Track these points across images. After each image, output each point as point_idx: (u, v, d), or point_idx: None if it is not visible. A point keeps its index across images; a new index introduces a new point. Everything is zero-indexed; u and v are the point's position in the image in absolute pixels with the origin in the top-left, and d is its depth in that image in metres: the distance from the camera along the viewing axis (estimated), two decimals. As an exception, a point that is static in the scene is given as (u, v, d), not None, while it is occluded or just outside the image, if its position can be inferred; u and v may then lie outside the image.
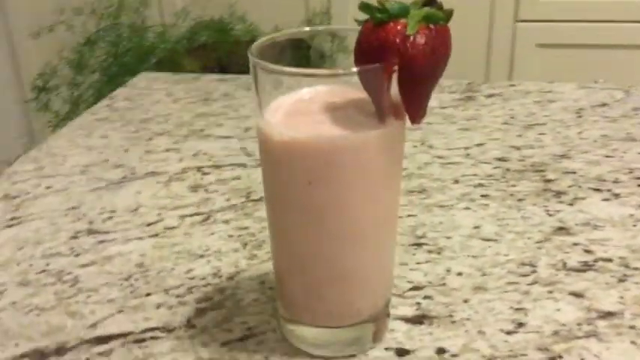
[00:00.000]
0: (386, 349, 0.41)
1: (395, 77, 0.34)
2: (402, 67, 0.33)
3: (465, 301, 0.45)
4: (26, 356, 0.42)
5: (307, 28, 0.41)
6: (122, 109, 0.81)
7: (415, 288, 0.47)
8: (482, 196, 0.58)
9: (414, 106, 0.35)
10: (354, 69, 0.34)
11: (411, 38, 0.33)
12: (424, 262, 0.49)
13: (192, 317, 0.45)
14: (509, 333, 0.42)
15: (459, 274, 0.48)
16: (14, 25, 1.96)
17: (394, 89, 0.34)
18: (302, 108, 0.37)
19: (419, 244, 0.52)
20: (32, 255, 0.53)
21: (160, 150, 0.70)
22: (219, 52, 1.52)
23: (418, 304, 0.45)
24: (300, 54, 0.42)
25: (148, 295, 0.47)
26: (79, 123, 0.79)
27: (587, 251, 0.50)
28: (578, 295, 0.45)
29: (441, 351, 0.41)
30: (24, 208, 0.60)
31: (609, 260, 0.49)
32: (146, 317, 0.45)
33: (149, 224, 0.56)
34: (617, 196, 0.57)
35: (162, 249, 0.53)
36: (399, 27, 0.33)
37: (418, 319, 0.44)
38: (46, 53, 1.55)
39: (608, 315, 0.43)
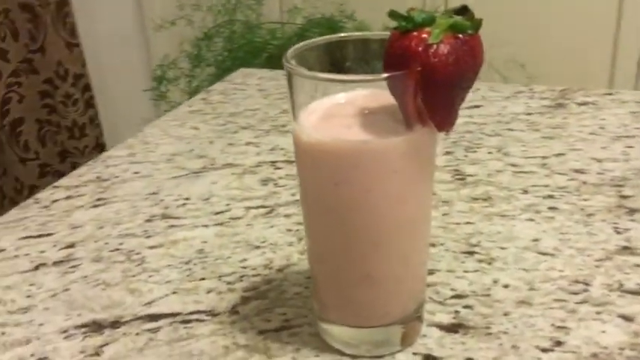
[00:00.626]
0: (414, 353, 0.42)
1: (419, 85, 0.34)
2: (424, 76, 0.33)
3: (506, 314, 0.44)
4: (85, 326, 0.46)
5: (343, 34, 0.41)
6: (215, 103, 0.85)
7: (457, 296, 0.46)
8: (549, 208, 0.56)
9: (438, 114, 0.35)
10: (381, 75, 0.35)
11: (434, 47, 0.33)
12: (472, 271, 0.49)
13: (237, 304, 0.47)
14: (544, 350, 0.41)
15: (506, 286, 0.47)
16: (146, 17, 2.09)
17: (419, 96, 0.35)
18: (336, 111, 0.38)
19: (470, 253, 0.51)
20: (109, 234, 0.57)
21: (241, 143, 0.73)
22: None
23: (457, 312, 0.45)
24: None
25: (202, 279, 0.50)
26: (175, 114, 0.84)
27: (650, 274, 0.47)
28: (628, 318, 0.43)
29: (468, 361, 0.40)
30: (111, 190, 0.65)
31: (671, 285, 0.46)
32: (196, 300, 0.48)
33: (217, 213, 0.59)
34: (698, 217, 0.53)
35: (223, 237, 0.55)
36: (423, 35, 0.33)
37: (453, 328, 0.43)
38: (169, 46, 1.65)
39: (656, 342, 0.41)
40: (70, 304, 0.48)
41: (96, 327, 0.46)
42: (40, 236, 0.57)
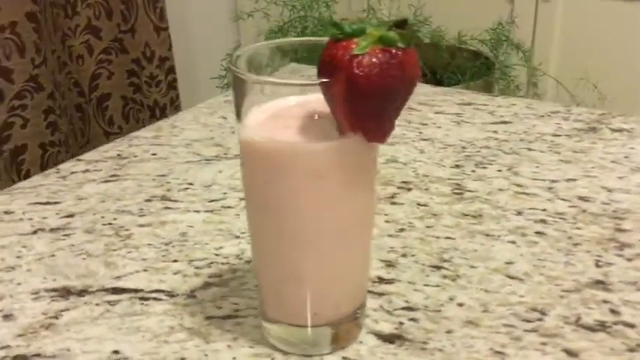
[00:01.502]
0: (343, 357, 0.42)
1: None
2: (348, 86, 0.34)
3: (449, 331, 0.44)
4: (55, 290, 0.49)
5: (294, 39, 0.42)
6: (251, 95, 0.88)
7: (407, 308, 0.46)
8: (536, 232, 0.55)
9: (364, 124, 0.35)
10: (310, 82, 0.35)
11: (359, 58, 0.33)
12: (432, 286, 0.48)
13: (196, 289, 0.49)
14: (473, 374, 0.40)
15: (460, 304, 0.46)
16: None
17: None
18: (284, 112, 0.39)
19: (438, 267, 0.51)
20: (108, 209, 0.60)
21: (259, 136, 0.75)
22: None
23: (401, 323, 0.45)
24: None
25: (175, 261, 0.52)
26: (211, 102, 0.86)
27: (614, 311, 0.45)
28: (572, 353, 0.42)
29: (392, 373, 0.40)
30: (126, 168, 0.68)
31: (631, 326, 0.44)
32: (161, 280, 0.50)
33: (211, 200, 0.61)
34: (690, 260, 0.50)
35: (209, 224, 0.57)
36: (352, 45, 0.34)
37: (391, 338, 0.43)
38: (246, 36, 1.69)
39: (591, 382, 0.39)
40: (51, 269, 0.52)
41: (64, 292, 0.49)
42: (47, 203, 0.62)
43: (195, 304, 0.47)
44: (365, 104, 0.34)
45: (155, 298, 0.48)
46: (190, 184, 0.65)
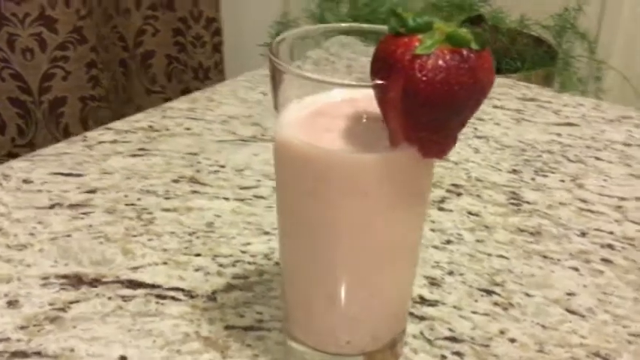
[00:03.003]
0: (375, 393, 0.37)
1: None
2: (406, 91, 0.28)
3: (497, 373, 0.38)
4: (66, 277, 0.45)
5: (344, 25, 0.36)
6: (296, 70, 0.82)
7: (452, 339, 0.41)
8: (602, 259, 0.49)
9: (421, 138, 0.30)
10: (357, 83, 0.30)
11: (422, 59, 0.27)
12: (481, 314, 0.43)
13: (218, 290, 0.44)
14: None
15: (512, 340, 0.41)
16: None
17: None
18: (324, 111, 0.33)
19: (489, 292, 0.45)
20: (133, 187, 0.56)
21: (301, 118, 0.69)
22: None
23: (444, 357, 0.39)
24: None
25: (197, 255, 0.48)
26: (252, 75, 0.81)
27: (690, 368, 0.39)
28: (640, 416, 0.36)
29: (429, 418, 0.35)
30: (156, 142, 0.64)
31: None
32: (181, 276, 0.46)
33: (243, 188, 0.56)
34: None
35: (238, 215, 0.53)
36: (414, 43, 0.28)
37: (430, 374, 0.38)
38: (290, 3, 1.62)
39: None
40: (65, 251, 0.48)
41: (75, 281, 0.45)
42: (69, 175, 0.57)
43: (215, 308, 0.43)
44: (425, 114, 0.29)
45: (173, 298, 0.44)
46: (222, 166, 0.60)
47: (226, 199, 0.55)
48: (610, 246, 0.50)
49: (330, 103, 0.33)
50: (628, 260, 0.49)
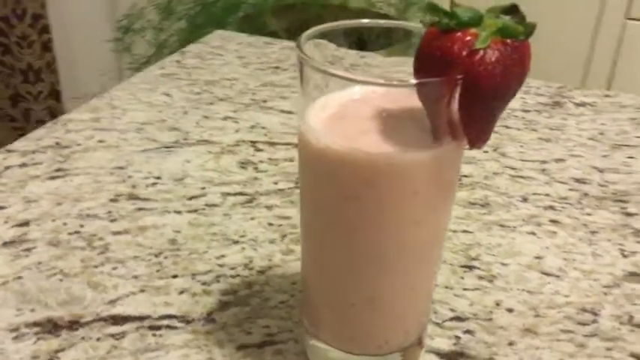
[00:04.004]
0: (412, 385, 0.37)
1: (457, 94, 0.29)
2: (466, 86, 0.28)
3: (511, 343, 0.41)
4: (39, 325, 0.40)
5: (365, 21, 0.36)
6: (190, 67, 0.79)
7: (457, 318, 0.42)
8: (551, 221, 0.53)
9: (476, 129, 0.30)
10: (411, 81, 0.30)
11: (480, 53, 0.28)
12: (472, 290, 0.45)
13: (213, 310, 0.42)
14: (553, 390, 0.37)
15: (510, 310, 0.43)
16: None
17: (455, 105, 0.30)
18: (350, 111, 0.33)
19: (470, 267, 0.47)
20: (69, 213, 0.51)
21: (218, 117, 0.67)
22: (306, 14, 1.48)
23: (457, 338, 0.41)
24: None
25: (174, 277, 0.45)
26: (146, 76, 0.77)
27: (660, 307, 0.44)
28: (639, 358, 0.40)
29: (472, 399, 0.37)
30: (72, 160, 0.58)
31: (684, 322, 0.43)
32: (167, 302, 0.43)
33: (190, 198, 0.54)
34: None
35: (198, 227, 0.50)
36: (467, 38, 0.28)
37: (454, 356, 0.39)
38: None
39: (671, 389, 0.38)
40: (23, 295, 0.43)
41: (51, 327, 0.40)
42: (-11, 209, 0.51)
43: (218, 329, 0.41)
44: (482, 105, 0.30)
45: (168, 326, 0.41)
46: (158, 177, 0.56)
47: (178, 212, 0.52)
48: (552, 207, 0.55)
49: (355, 102, 0.33)
50: (571, 218, 0.53)
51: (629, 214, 0.54)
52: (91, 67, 1.78)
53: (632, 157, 0.63)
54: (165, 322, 0.41)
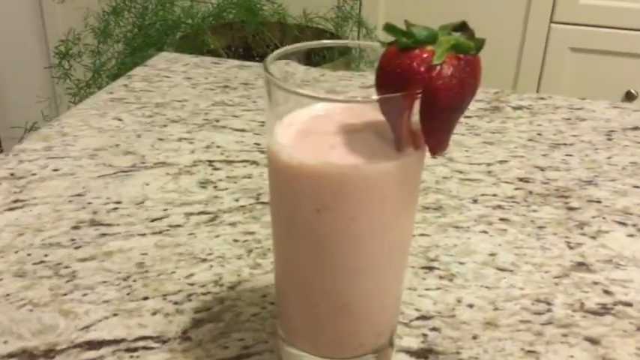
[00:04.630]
0: (386, 383, 0.39)
1: (417, 106, 0.31)
2: (425, 99, 0.31)
3: (474, 337, 0.43)
4: (14, 356, 0.41)
5: (326, 41, 0.38)
6: (139, 91, 0.79)
7: (423, 317, 0.45)
8: (500, 219, 0.56)
9: (436, 139, 0.33)
10: (374, 97, 0.32)
11: (437, 68, 0.30)
12: (434, 289, 0.47)
13: (188, 328, 0.43)
14: (517, 378, 0.40)
15: (470, 305, 0.46)
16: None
17: (415, 117, 0.32)
18: (316, 127, 0.34)
19: (430, 268, 0.49)
20: (31, 243, 0.51)
21: (173, 139, 0.68)
22: (245, 32, 1.49)
23: (425, 335, 0.43)
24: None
25: (146, 299, 0.46)
26: (94, 101, 0.77)
27: (607, 292, 0.47)
28: (594, 341, 0.43)
29: (443, 392, 0.39)
30: (28, 190, 0.58)
31: (629, 305, 0.46)
32: (141, 324, 0.43)
33: (153, 220, 0.54)
34: (642, 232, 0.54)
35: (164, 249, 0.51)
36: (424, 55, 0.31)
37: (423, 353, 0.42)
38: (71, 19, 1.53)
39: (623, 367, 0.41)
40: (-7, 329, 0.43)
41: (27, 357, 0.41)
42: (-52, 245, 0.50)
43: (195, 347, 0.42)
44: (440, 117, 0.32)
45: (145, 347, 0.42)
46: (118, 202, 0.57)
47: (142, 235, 0.53)
48: (500, 207, 0.58)
49: (321, 119, 0.35)
50: (519, 215, 0.56)
51: (571, 209, 0.58)
52: (26, 95, 1.75)
53: (569, 155, 0.67)
54: (142, 343, 0.42)
